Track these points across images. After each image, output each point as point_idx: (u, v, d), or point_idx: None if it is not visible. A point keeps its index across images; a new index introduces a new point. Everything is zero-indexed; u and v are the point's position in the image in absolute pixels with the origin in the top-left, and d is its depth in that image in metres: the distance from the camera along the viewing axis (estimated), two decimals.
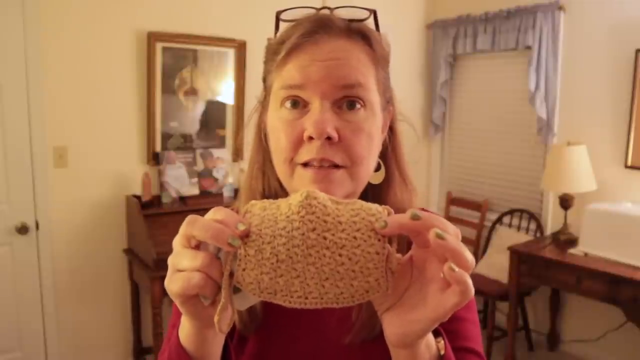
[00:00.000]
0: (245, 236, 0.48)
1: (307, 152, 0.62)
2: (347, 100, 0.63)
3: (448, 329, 0.71)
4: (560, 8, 3.12)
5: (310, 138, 0.62)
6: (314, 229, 0.47)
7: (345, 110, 0.63)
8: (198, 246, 0.50)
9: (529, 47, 3.23)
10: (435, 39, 3.85)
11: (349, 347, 0.68)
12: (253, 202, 0.51)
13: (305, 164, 0.63)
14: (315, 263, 0.47)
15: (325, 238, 0.47)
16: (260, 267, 0.48)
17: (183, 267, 0.49)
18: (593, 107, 3.11)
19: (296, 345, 0.71)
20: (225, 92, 3.11)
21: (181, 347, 0.57)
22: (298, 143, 0.63)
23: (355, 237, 0.47)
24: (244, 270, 0.48)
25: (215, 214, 0.49)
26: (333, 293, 0.48)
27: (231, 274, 0.48)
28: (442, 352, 0.56)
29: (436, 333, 0.59)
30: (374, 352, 0.67)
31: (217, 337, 0.57)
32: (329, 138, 0.61)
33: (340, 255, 0.47)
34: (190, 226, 0.48)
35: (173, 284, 0.49)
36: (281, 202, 0.50)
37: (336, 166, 0.63)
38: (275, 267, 0.47)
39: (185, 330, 0.56)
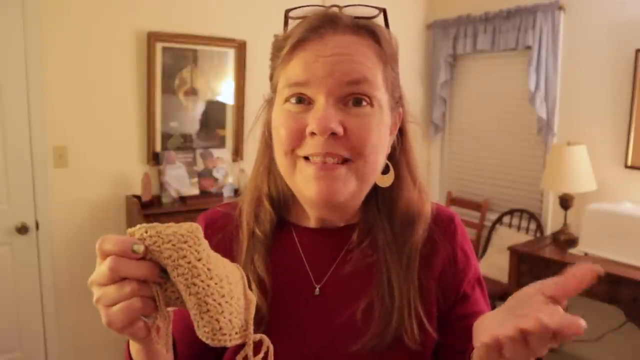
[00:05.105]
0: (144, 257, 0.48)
1: (312, 146, 0.61)
2: (353, 97, 0.62)
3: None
4: (560, 8, 3.12)
5: (313, 134, 0.61)
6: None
7: (350, 107, 0.62)
8: None
9: (529, 47, 3.23)
10: (435, 39, 3.85)
11: (355, 354, 0.66)
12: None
13: (307, 158, 0.62)
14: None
15: None
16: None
17: (115, 300, 0.47)
18: (593, 107, 3.10)
19: (302, 350, 0.69)
20: (225, 92, 3.11)
21: None
22: (298, 136, 0.62)
23: None
24: (165, 290, 0.51)
25: (106, 243, 0.47)
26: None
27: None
28: None
29: None
30: None
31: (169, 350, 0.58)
32: (333, 134, 0.60)
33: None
34: (117, 270, 0.46)
35: (115, 317, 0.48)
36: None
37: (341, 161, 0.62)
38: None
39: (136, 348, 0.57)
